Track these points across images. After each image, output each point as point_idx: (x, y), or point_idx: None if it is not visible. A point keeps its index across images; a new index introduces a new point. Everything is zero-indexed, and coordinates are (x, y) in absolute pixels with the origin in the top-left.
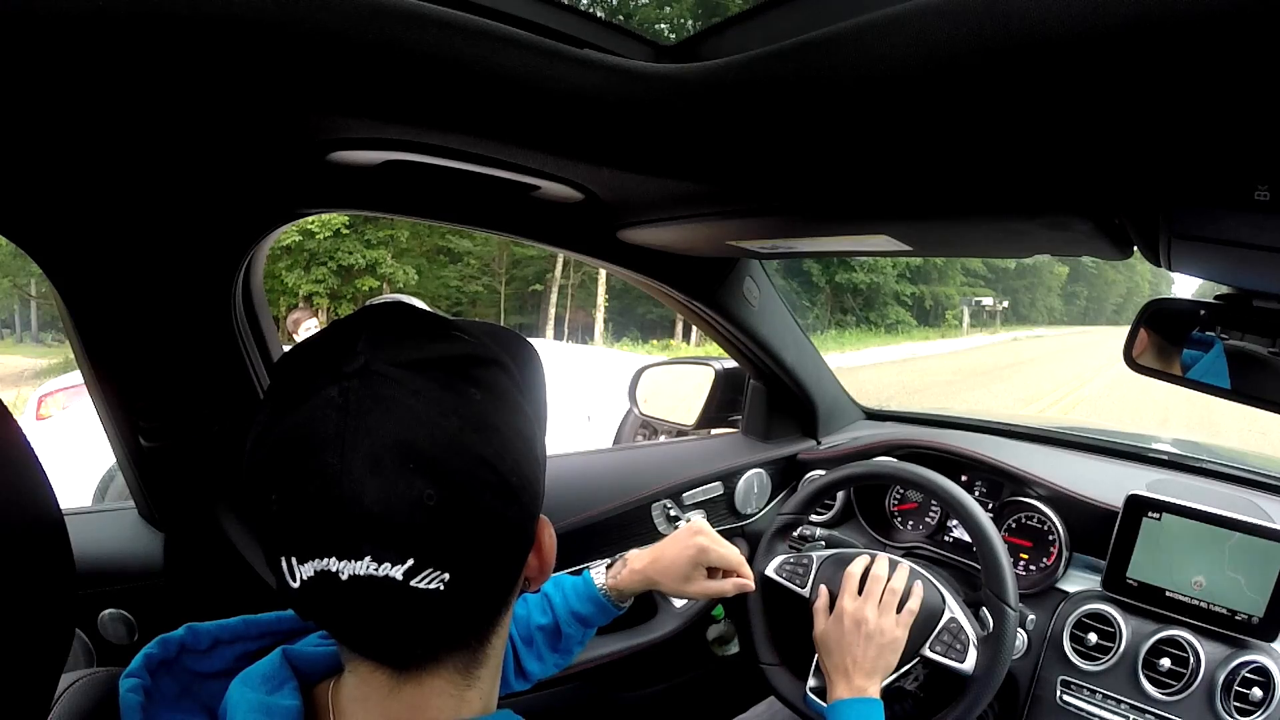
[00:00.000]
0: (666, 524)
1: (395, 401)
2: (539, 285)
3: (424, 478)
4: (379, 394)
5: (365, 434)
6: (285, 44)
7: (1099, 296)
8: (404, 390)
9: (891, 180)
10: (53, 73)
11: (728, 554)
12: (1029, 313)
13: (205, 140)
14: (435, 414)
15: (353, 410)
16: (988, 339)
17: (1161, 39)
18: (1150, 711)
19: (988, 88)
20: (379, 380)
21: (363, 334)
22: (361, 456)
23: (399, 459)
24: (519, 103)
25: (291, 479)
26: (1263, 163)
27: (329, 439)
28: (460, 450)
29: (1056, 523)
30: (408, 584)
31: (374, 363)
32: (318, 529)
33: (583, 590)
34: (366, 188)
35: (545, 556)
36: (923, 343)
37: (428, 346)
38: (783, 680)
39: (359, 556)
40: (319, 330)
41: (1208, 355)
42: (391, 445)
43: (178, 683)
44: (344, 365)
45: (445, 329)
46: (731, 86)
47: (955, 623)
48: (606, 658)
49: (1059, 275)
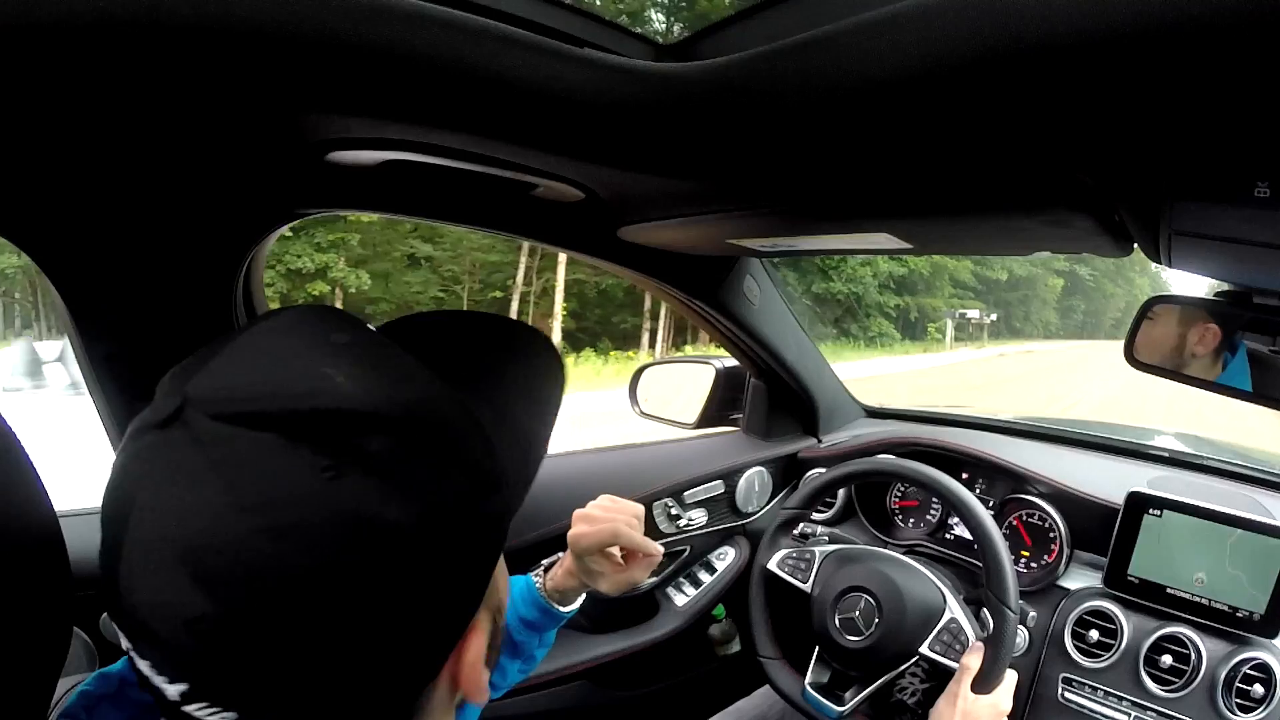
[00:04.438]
0: (668, 523)
1: (191, 475)
2: (499, 292)
3: (202, 591)
4: (176, 460)
5: (148, 514)
6: (285, 44)
7: (1096, 310)
8: (207, 458)
9: (891, 178)
10: (53, 76)
11: (636, 537)
12: (1022, 326)
13: (205, 141)
14: (229, 502)
15: (145, 477)
16: (972, 353)
17: (1163, 40)
18: (1152, 708)
19: (987, 85)
20: (185, 437)
21: (209, 359)
22: (138, 544)
23: (174, 559)
24: (519, 102)
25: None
26: (1263, 160)
27: (118, 508)
28: (251, 560)
29: (1057, 520)
30: (184, 710)
31: (190, 409)
32: (109, 606)
33: (526, 595)
34: (366, 187)
35: (469, 674)
36: (902, 357)
37: (287, 389)
38: (782, 675)
39: (141, 655)
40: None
41: (1233, 358)
42: (167, 539)
43: (123, 714)
44: (163, 407)
45: (358, 356)
46: (731, 85)
47: (955, 623)
48: (607, 657)
49: (1053, 288)
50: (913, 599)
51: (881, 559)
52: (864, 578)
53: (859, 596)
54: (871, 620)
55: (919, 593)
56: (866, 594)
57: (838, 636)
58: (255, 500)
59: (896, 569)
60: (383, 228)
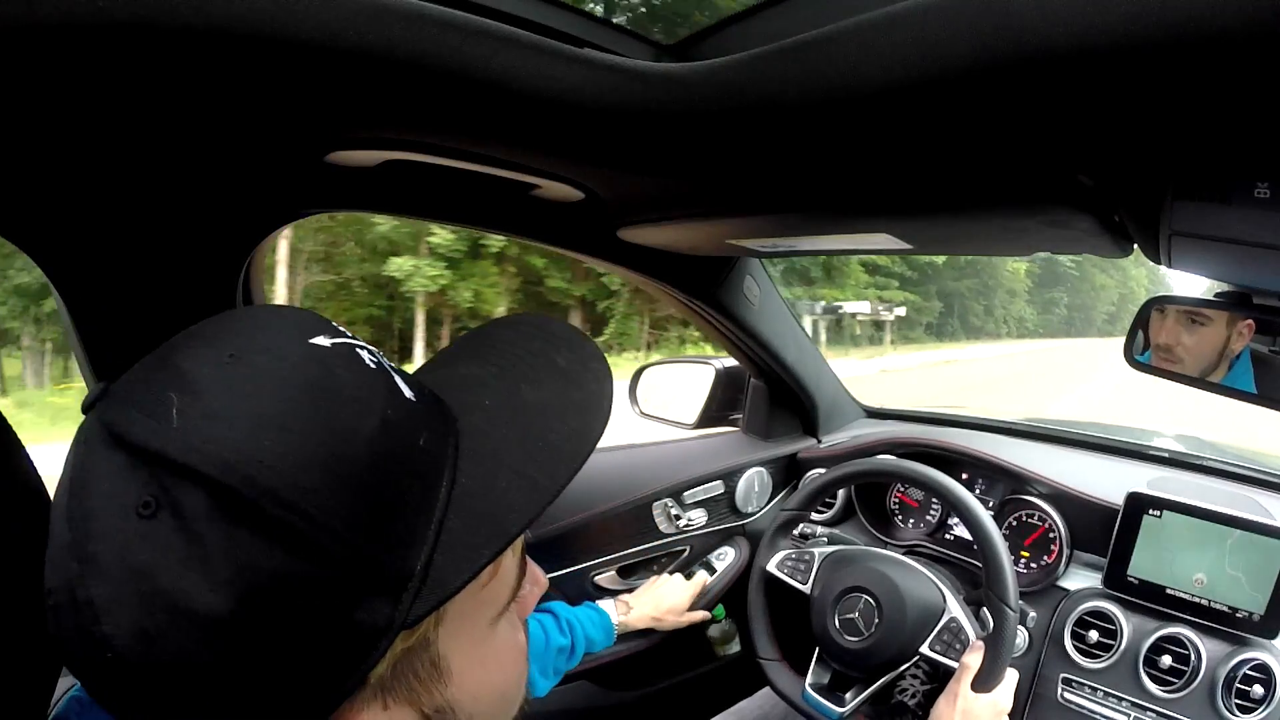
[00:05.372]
0: (667, 523)
1: (66, 470)
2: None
3: (47, 569)
4: (73, 445)
5: (65, 493)
6: (285, 45)
7: (1085, 305)
8: (73, 459)
9: (891, 178)
10: (54, 76)
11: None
12: (983, 323)
13: (204, 141)
14: (61, 509)
15: (67, 464)
16: (859, 365)
17: (1162, 43)
18: (1151, 709)
19: (986, 87)
20: (85, 427)
21: (169, 358)
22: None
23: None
24: (519, 102)
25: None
26: (1263, 160)
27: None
28: (61, 572)
29: (1057, 520)
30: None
31: (105, 403)
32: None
33: (597, 621)
34: (366, 188)
35: None
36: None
37: (139, 411)
38: (781, 675)
39: None
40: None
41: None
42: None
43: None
44: (93, 391)
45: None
46: (731, 86)
47: (955, 622)
48: (607, 657)
49: (1016, 273)
50: (913, 599)
51: (881, 559)
52: (864, 578)
53: (859, 597)
54: (871, 621)
55: (919, 593)
56: (866, 594)
57: (838, 637)
58: (79, 513)
59: (896, 569)
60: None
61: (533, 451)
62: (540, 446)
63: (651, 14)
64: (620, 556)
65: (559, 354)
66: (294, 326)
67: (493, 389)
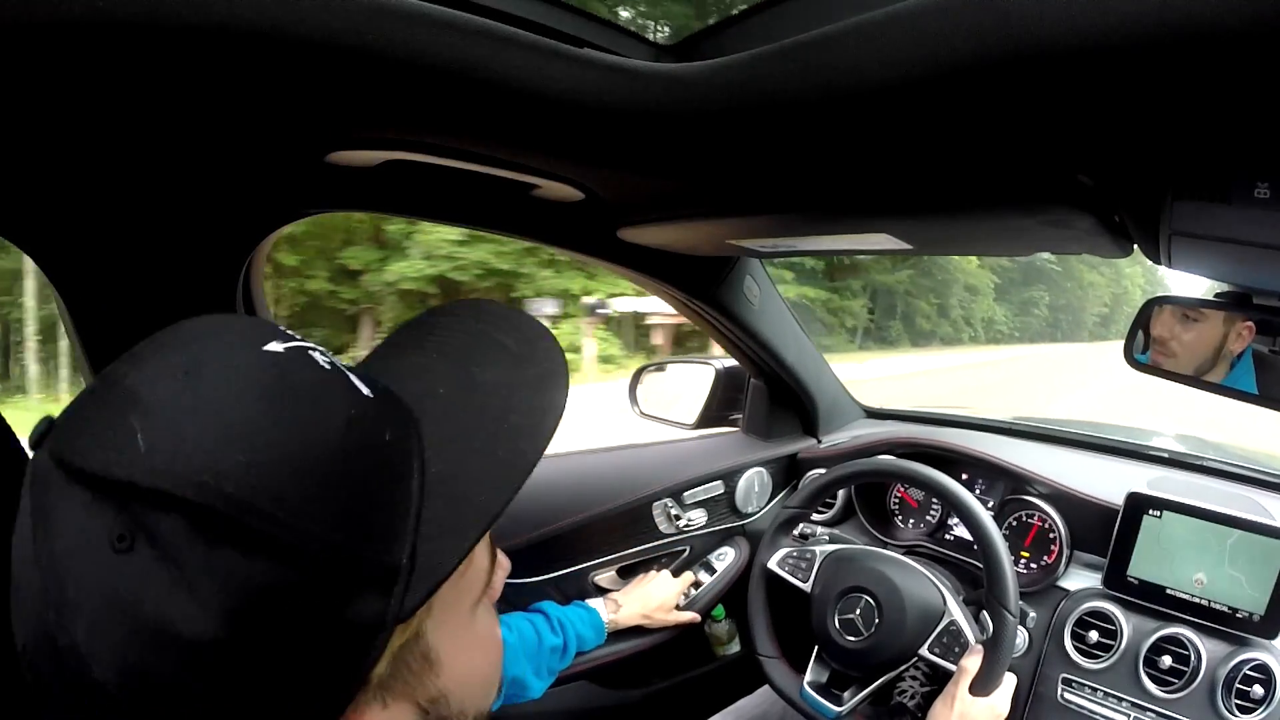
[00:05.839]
0: (667, 523)
1: (21, 513)
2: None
3: (17, 618)
4: (29, 499)
5: (28, 539)
6: (286, 44)
7: (1071, 305)
8: (29, 500)
9: (891, 178)
10: (54, 75)
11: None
12: (936, 326)
13: (204, 141)
14: (27, 555)
15: (23, 509)
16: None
17: (1162, 43)
18: (1151, 709)
19: (986, 87)
20: (31, 468)
21: (117, 382)
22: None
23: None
24: (519, 102)
25: None
26: (1263, 160)
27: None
28: (38, 622)
29: (1057, 521)
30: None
31: (52, 438)
32: None
33: (587, 619)
34: (366, 187)
35: None
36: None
37: (98, 442)
38: (780, 673)
39: None
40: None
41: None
42: (12, 567)
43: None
44: (39, 426)
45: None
46: (731, 85)
47: (955, 625)
48: (607, 657)
49: (970, 268)
50: (912, 600)
51: (881, 559)
52: (864, 578)
53: (859, 597)
54: (871, 621)
55: (919, 594)
56: (866, 594)
57: (837, 637)
58: (47, 557)
59: (896, 569)
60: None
61: (496, 432)
62: (504, 427)
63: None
64: (620, 557)
65: (504, 335)
66: (244, 335)
67: (443, 375)
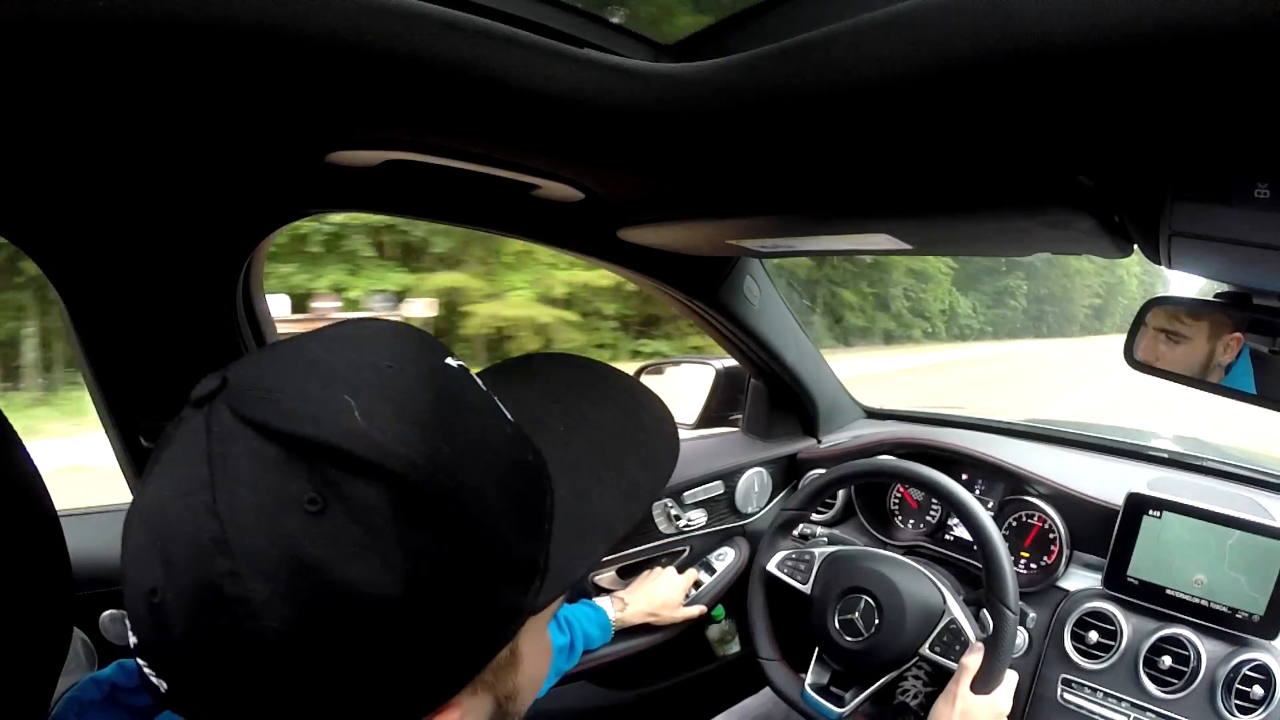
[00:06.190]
0: (667, 523)
1: (188, 462)
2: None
3: (160, 566)
4: (187, 442)
5: (149, 487)
6: (285, 44)
7: (1058, 296)
8: (207, 450)
9: (891, 179)
10: (54, 75)
11: (690, 613)
12: (873, 322)
13: (204, 141)
14: (204, 502)
15: (162, 450)
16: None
17: (1162, 44)
18: (1151, 709)
19: (987, 87)
20: (203, 423)
21: (318, 358)
22: (134, 511)
23: (149, 534)
24: (519, 102)
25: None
26: (1263, 160)
27: (150, 469)
28: (203, 568)
29: (1057, 521)
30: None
31: (221, 395)
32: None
33: (594, 618)
34: (366, 188)
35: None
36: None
37: (302, 407)
38: (781, 675)
39: (135, 648)
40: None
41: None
42: (149, 512)
43: (114, 718)
44: (205, 385)
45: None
46: (731, 86)
47: (955, 623)
48: (608, 657)
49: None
50: (913, 600)
51: (881, 560)
52: (864, 579)
53: (859, 597)
54: (871, 621)
55: (919, 594)
56: (866, 595)
57: (838, 637)
58: (227, 509)
59: (896, 570)
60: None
61: (619, 466)
62: (625, 463)
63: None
64: (620, 557)
65: (612, 389)
66: (428, 344)
67: (557, 414)
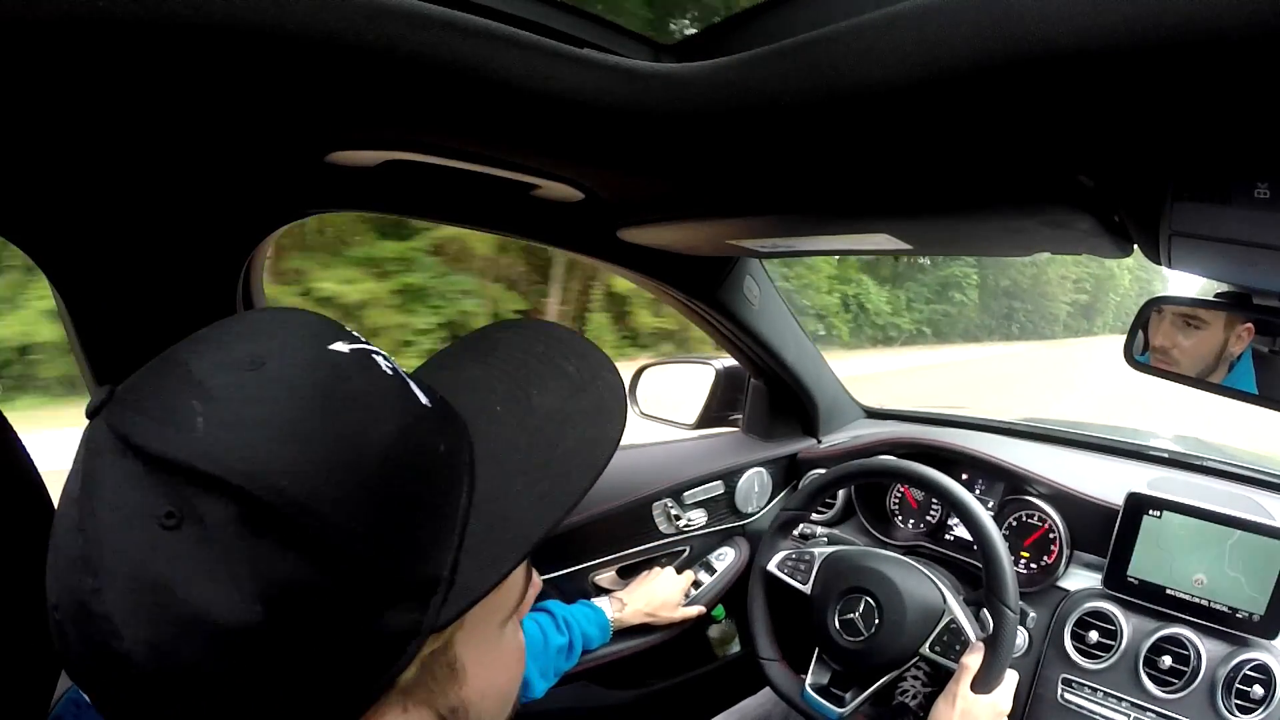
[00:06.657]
0: (667, 523)
1: (71, 477)
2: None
3: (54, 584)
4: (78, 452)
5: (74, 503)
6: (285, 44)
7: (1029, 291)
8: (81, 465)
9: (891, 179)
10: (54, 74)
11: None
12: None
13: (204, 141)
14: (73, 520)
15: (74, 473)
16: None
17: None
18: (1151, 709)
19: (987, 87)
20: (86, 435)
21: (182, 363)
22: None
23: (50, 549)
24: (519, 102)
25: None
26: (1263, 160)
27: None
28: (71, 586)
29: (1057, 521)
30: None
31: (109, 408)
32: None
33: (593, 618)
34: (366, 188)
35: None
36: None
37: (157, 419)
38: (781, 676)
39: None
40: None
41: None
42: (52, 526)
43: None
44: (96, 395)
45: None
46: (731, 86)
47: (955, 623)
48: (607, 657)
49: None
50: (913, 600)
51: (881, 560)
52: (864, 579)
53: (859, 597)
54: (871, 621)
55: (919, 593)
56: (866, 595)
57: (838, 637)
58: (91, 525)
59: (896, 570)
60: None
61: (547, 459)
62: (556, 454)
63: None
64: (620, 557)
65: (567, 361)
66: (311, 332)
67: (500, 394)
